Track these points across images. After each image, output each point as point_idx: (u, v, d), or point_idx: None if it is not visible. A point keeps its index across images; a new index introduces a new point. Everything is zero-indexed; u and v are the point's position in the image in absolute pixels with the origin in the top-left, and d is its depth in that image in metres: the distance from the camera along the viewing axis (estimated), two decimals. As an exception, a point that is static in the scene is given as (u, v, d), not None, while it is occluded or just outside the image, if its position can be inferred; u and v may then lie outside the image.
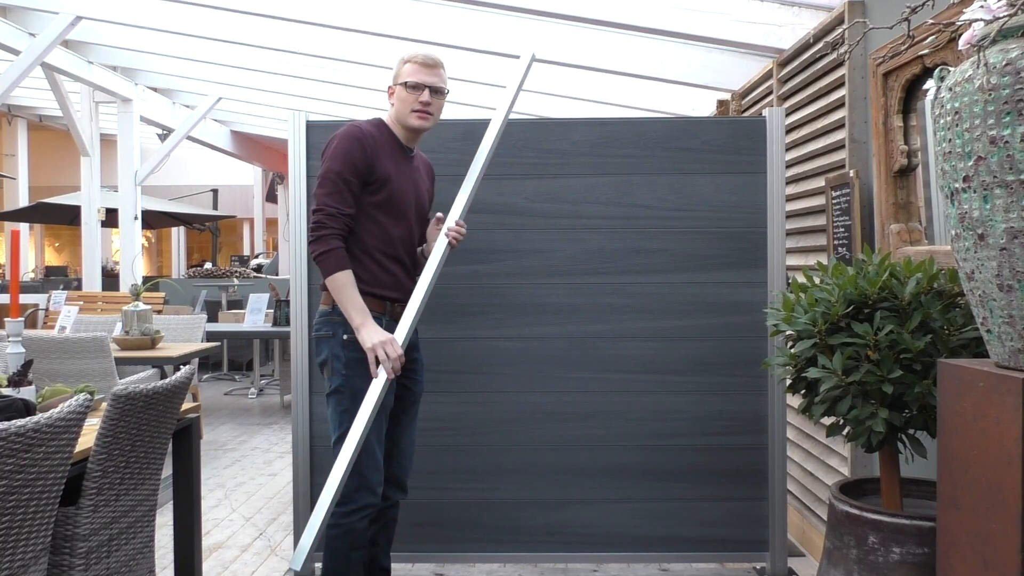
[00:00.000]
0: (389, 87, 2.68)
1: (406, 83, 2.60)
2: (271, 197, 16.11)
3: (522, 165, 3.20)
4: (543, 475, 3.21)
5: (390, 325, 2.55)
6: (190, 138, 9.95)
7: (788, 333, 2.34)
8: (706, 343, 3.19)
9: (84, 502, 2.16)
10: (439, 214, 2.74)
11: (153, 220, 11.71)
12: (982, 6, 1.61)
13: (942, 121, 1.67)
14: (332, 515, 2.51)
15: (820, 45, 3.48)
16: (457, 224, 2.65)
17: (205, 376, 9.00)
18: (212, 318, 7.82)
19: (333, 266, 2.47)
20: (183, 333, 5.87)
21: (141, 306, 5.07)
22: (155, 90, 9.02)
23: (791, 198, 3.87)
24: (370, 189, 2.54)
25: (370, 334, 2.45)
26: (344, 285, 2.47)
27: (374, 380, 2.45)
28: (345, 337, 2.53)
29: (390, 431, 2.66)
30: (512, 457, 3.21)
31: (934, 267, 2.19)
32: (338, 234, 2.49)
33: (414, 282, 2.64)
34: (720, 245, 3.18)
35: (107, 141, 10.03)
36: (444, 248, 2.61)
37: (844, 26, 3.25)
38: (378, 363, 2.45)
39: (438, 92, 2.63)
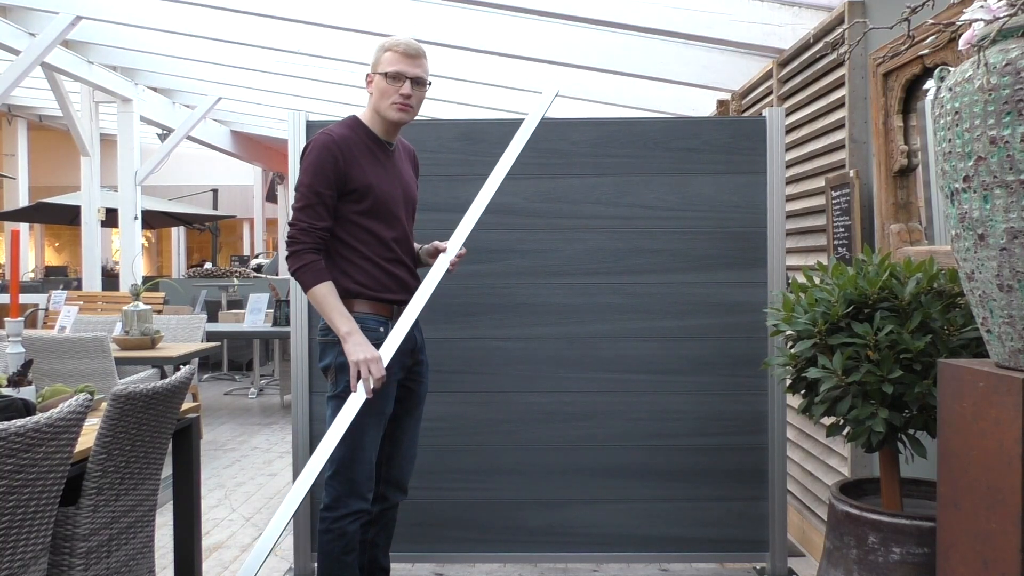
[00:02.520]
0: (368, 75, 2.56)
1: (386, 73, 2.49)
2: (271, 197, 16.11)
3: (522, 165, 3.19)
4: (543, 475, 3.21)
5: None
6: (190, 138, 9.95)
7: (788, 333, 2.34)
8: (706, 343, 3.19)
9: (84, 502, 2.16)
10: (438, 243, 2.64)
11: (153, 220, 11.71)
12: (982, 6, 1.60)
13: (942, 121, 1.67)
14: (322, 520, 2.51)
15: (820, 45, 3.48)
16: (458, 255, 2.60)
17: (205, 376, 9.00)
18: (212, 318, 7.83)
19: (310, 279, 2.43)
20: (183, 333, 5.87)
21: (141, 306, 5.07)
22: (155, 90, 9.02)
23: (791, 198, 3.87)
24: (352, 198, 2.48)
25: (356, 347, 2.39)
26: (325, 296, 2.44)
27: (352, 394, 2.39)
28: None
29: (392, 432, 2.65)
30: (512, 457, 3.21)
31: (934, 267, 2.19)
32: (311, 248, 2.44)
33: (417, 280, 2.62)
34: (720, 245, 3.18)
35: (107, 141, 10.03)
36: (442, 275, 2.55)
37: (844, 26, 3.25)
38: (359, 378, 2.38)
39: (419, 83, 2.53)
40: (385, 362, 2.41)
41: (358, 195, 2.48)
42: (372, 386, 2.38)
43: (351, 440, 2.47)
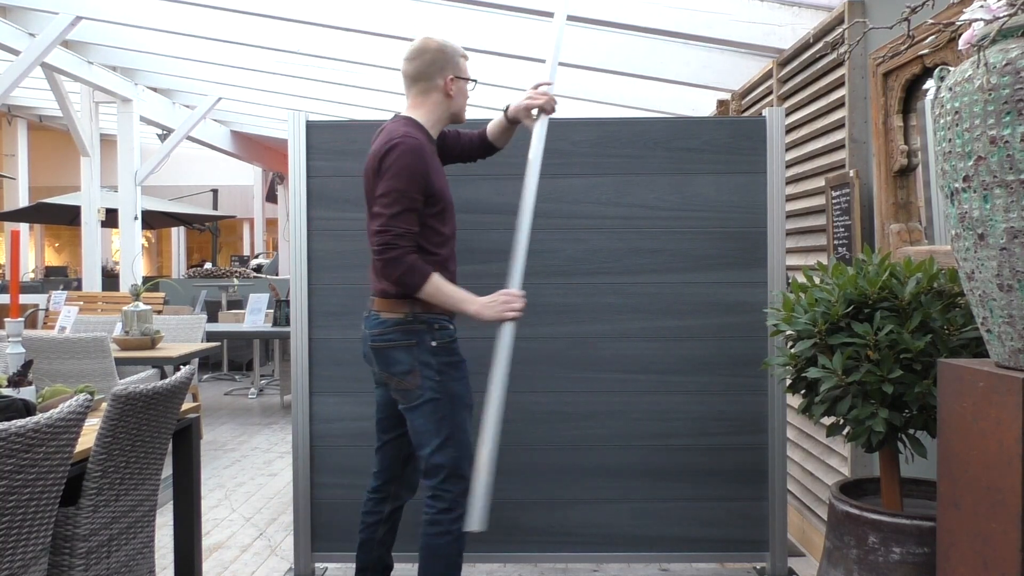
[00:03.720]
0: (448, 77, 2.58)
1: (470, 78, 2.64)
2: (271, 197, 16.11)
3: (522, 165, 3.19)
4: (543, 475, 3.21)
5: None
6: (190, 138, 9.95)
7: (788, 333, 2.34)
8: (706, 343, 3.19)
9: (84, 502, 2.16)
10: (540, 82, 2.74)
11: (153, 220, 11.71)
12: (982, 6, 1.61)
13: (942, 121, 1.67)
14: (439, 522, 2.47)
15: (820, 45, 3.48)
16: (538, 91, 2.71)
17: (205, 376, 9.00)
18: (212, 318, 7.83)
19: (419, 279, 2.43)
20: (183, 333, 5.87)
21: (141, 306, 5.07)
22: (155, 90, 9.02)
23: (791, 198, 3.87)
24: (429, 202, 2.49)
25: (490, 310, 2.49)
26: (439, 288, 2.45)
27: (504, 328, 2.50)
28: (434, 344, 2.48)
29: (406, 432, 2.63)
30: (512, 457, 3.21)
31: (934, 267, 2.19)
32: (411, 250, 2.43)
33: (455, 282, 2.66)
34: (720, 245, 3.18)
35: (107, 141, 10.03)
36: (545, 124, 2.71)
37: (844, 26, 3.25)
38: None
39: None
40: (516, 288, 2.55)
41: (434, 199, 2.51)
42: (519, 307, 2.51)
43: (456, 441, 2.48)
